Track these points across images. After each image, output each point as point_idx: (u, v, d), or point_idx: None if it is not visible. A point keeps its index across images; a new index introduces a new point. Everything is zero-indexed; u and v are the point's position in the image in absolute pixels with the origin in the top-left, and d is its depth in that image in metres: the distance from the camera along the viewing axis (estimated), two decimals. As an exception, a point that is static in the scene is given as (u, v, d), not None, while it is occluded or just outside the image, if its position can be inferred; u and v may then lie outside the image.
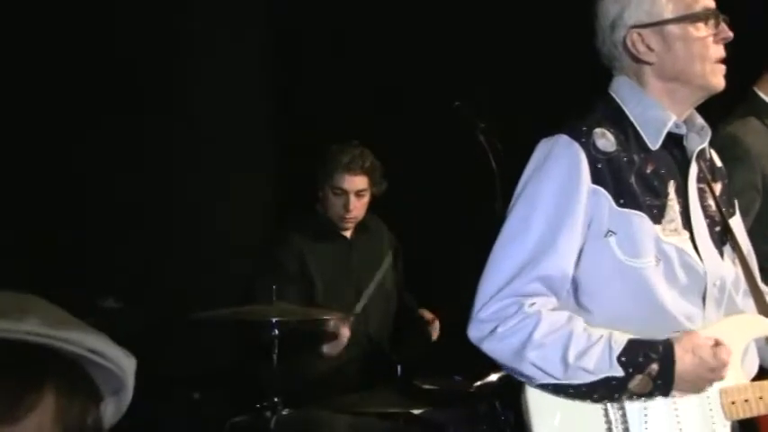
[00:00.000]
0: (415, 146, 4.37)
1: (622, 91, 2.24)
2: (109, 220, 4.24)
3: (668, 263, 2.14)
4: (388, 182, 3.92)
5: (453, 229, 4.28)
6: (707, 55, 2.18)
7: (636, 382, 2.07)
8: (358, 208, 3.82)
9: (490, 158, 3.36)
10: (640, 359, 2.06)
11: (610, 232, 2.12)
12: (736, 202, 2.39)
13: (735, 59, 2.19)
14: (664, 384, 2.08)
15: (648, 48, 2.20)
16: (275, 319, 3.29)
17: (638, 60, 2.21)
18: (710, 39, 2.20)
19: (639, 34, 2.21)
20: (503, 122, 3.34)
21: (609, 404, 2.12)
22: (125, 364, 1.17)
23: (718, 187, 2.33)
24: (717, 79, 2.20)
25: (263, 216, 4.63)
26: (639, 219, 2.12)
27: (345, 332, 3.61)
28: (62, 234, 4.13)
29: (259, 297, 3.41)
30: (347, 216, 3.80)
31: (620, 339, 2.08)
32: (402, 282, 4.12)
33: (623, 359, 2.06)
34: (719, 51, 2.21)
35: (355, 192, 3.81)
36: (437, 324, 3.92)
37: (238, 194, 4.55)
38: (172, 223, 4.41)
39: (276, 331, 3.28)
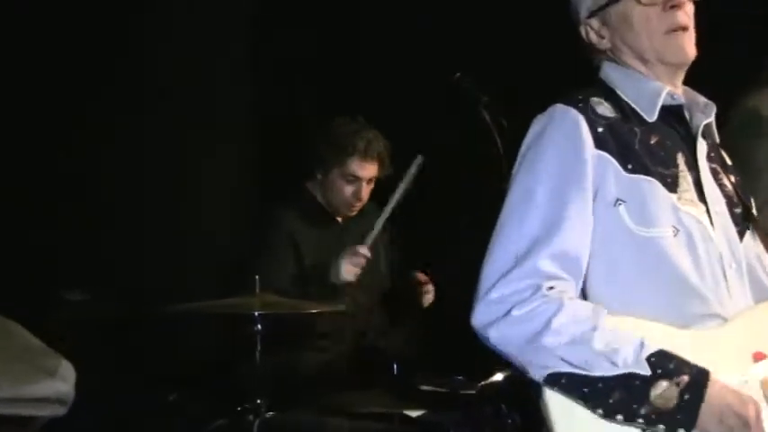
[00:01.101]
0: (410, 123, 4.24)
1: (611, 74, 2.25)
2: (79, 208, 4.19)
3: (688, 234, 2.10)
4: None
5: (455, 213, 4.21)
6: (653, 28, 2.18)
7: (660, 390, 1.98)
8: (367, 195, 3.81)
9: (494, 136, 3.27)
10: (671, 366, 1.99)
11: (619, 201, 2.08)
12: (752, 200, 2.34)
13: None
14: (690, 402, 1.98)
15: (599, 36, 2.25)
16: (258, 312, 3.25)
17: (597, 51, 2.25)
18: (657, 9, 2.19)
19: (589, 24, 2.26)
20: (509, 96, 3.27)
21: None
22: (70, 394, 1.13)
23: (732, 179, 2.30)
24: (673, 50, 2.19)
25: (245, 200, 4.54)
26: (650, 185, 2.10)
27: (364, 250, 3.57)
28: (29, 224, 4.07)
29: (243, 288, 3.35)
30: (356, 204, 3.78)
31: (653, 344, 2.01)
32: (397, 267, 4.08)
33: (653, 359, 1.99)
34: (672, 18, 2.19)
35: (368, 179, 3.80)
36: (431, 287, 3.87)
37: (218, 176, 4.49)
38: (146, 209, 4.31)
39: (259, 325, 3.25)
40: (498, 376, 3.31)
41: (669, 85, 2.22)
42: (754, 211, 2.31)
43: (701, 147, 2.23)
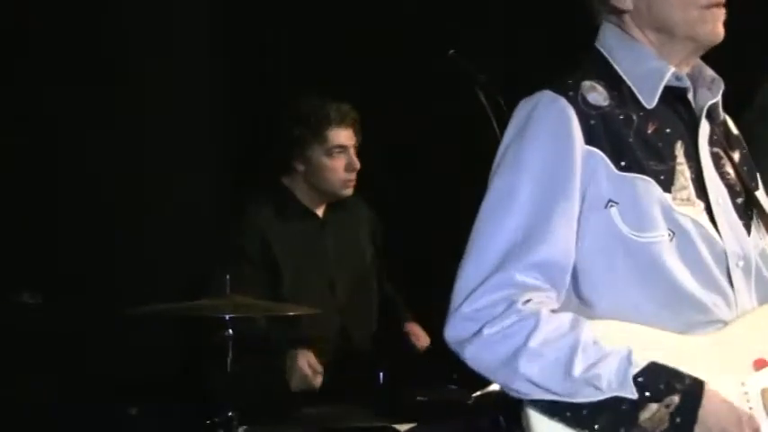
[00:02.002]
0: (398, 105, 4.21)
1: (609, 42, 2.17)
2: (35, 205, 4.11)
3: (684, 237, 2.06)
4: (364, 151, 3.81)
5: (448, 205, 3.97)
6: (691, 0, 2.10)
7: (649, 414, 1.96)
8: (358, 164, 3.76)
9: (491, 120, 3.17)
10: (661, 386, 1.96)
11: (611, 202, 2.03)
12: (758, 175, 2.30)
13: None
14: (682, 426, 1.97)
15: None
16: (230, 315, 3.19)
17: (613, 10, 2.16)
18: None
19: None
20: (509, 75, 3.28)
21: None
22: None
23: (736, 156, 2.25)
24: (708, 28, 2.11)
25: (216, 194, 4.42)
26: (645, 184, 2.05)
27: (303, 364, 3.51)
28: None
29: (214, 289, 3.32)
30: (352, 178, 3.73)
31: (641, 357, 1.97)
32: (384, 270, 3.99)
33: (640, 380, 1.95)
34: None
35: (353, 147, 3.74)
36: (424, 339, 3.85)
37: (186, 169, 4.36)
38: (105, 204, 4.20)
39: (231, 330, 3.18)
40: (496, 385, 3.00)
41: (677, 64, 2.15)
42: (760, 188, 2.27)
43: (704, 131, 2.18)
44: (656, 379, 1.96)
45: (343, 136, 3.73)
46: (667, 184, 2.06)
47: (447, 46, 3.26)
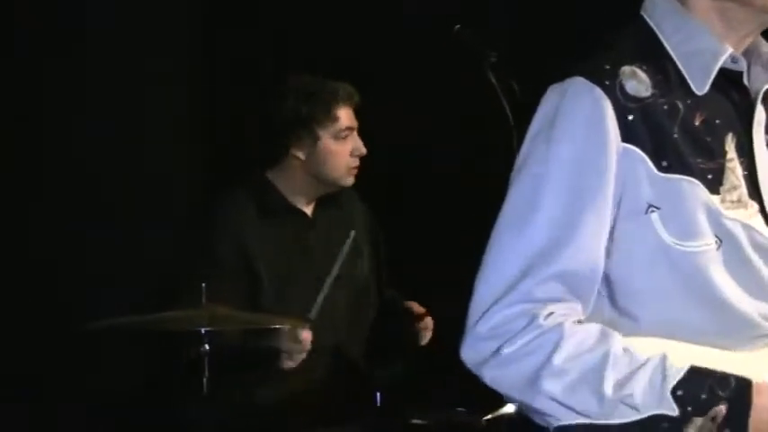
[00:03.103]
0: (398, 87, 4.16)
1: (658, 13, 2.09)
2: None
3: (733, 244, 2.00)
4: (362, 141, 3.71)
5: (453, 203, 4.11)
6: None
7: (694, 429, 1.90)
8: None
9: (503, 104, 3.18)
10: (703, 395, 1.90)
11: (651, 207, 1.97)
12: None
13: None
14: None
15: None
16: (205, 328, 3.11)
17: None
18: None
19: None
20: (522, 54, 3.31)
21: None
22: None
23: None
24: None
25: (188, 192, 4.34)
26: (690, 186, 1.98)
27: (306, 336, 3.35)
28: None
29: (186, 299, 3.24)
30: (357, 164, 3.61)
31: (678, 365, 1.92)
32: (382, 274, 3.90)
33: (680, 393, 1.89)
34: None
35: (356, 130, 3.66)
36: (429, 321, 3.72)
37: (156, 164, 4.28)
38: (61, 201, 4.09)
39: (207, 346, 3.12)
40: (509, 407, 3.20)
41: (736, 43, 2.06)
42: None
43: (759, 118, 2.09)
44: (698, 389, 1.91)
45: (351, 117, 3.60)
46: (716, 185, 2.01)
47: (451, 21, 3.26)
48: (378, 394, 3.37)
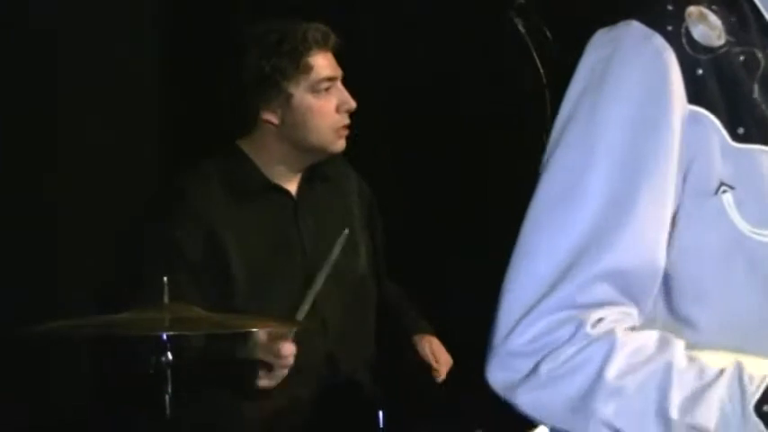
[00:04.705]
0: (405, 39, 4.03)
1: None
2: None
3: None
4: (358, 108, 3.45)
5: (472, 181, 4.05)
6: None
7: None
8: None
9: (534, 58, 3.01)
10: None
11: (723, 186, 1.83)
12: None
13: None
14: None
15: None
16: (168, 332, 2.92)
17: None
18: None
19: None
20: None
21: None
22: None
23: None
24: None
25: (146, 171, 4.17)
26: None
27: (287, 350, 3.17)
28: None
29: (145, 297, 3.06)
30: (346, 121, 3.36)
31: (758, 375, 1.79)
32: (383, 265, 3.71)
33: (766, 408, 1.75)
34: None
35: (341, 80, 3.42)
36: (444, 366, 3.55)
37: (109, 140, 4.08)
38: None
39: (170, 355, 2.92)
40: (541, 430, 2.94)
41: None
42: None
43: None
44: None
45: (330, 64, 3.37)
46: None
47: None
48: (380, 414, 3.25)
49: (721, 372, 1.79)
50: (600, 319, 1.80)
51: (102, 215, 3.99)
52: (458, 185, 4.21)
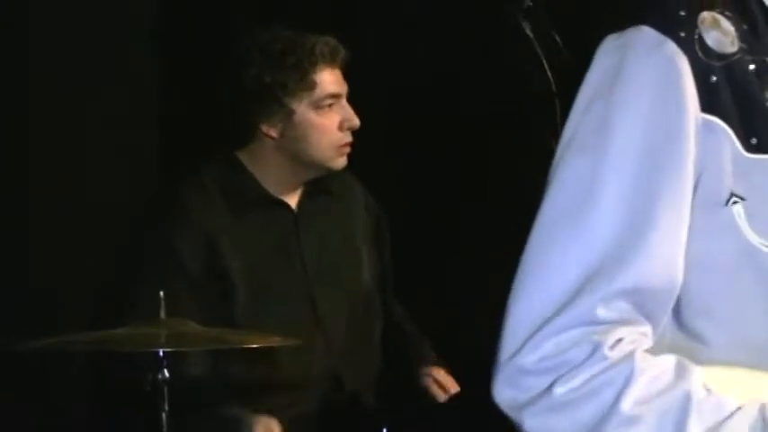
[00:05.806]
0: (405, 39, 4.07)
1: None
2: None
3: None
4: (359, 108, 3.43)
5: (472, 181, 4.08)
6: None
7: None
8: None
9: (542, 62, 3.07)
10: None
11: (734, 197, 1.81)
12: None
13: None
14: None
15: None
16: (165, 349, 2.92)
17: None
18: None
19: None
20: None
21: None
22: None
23: None
24: None
25: (144, 183, 4.17)
26: None
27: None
28: None
29: (141, 312, 3.07)
30: (348, 139, 3.32)
31: None
32: (390, 282, 3.67)
33: None
34: None
35: (345, 97, 3.38)
36: (452, 388, 3.51)
37: (105, 151, 4.11)
38: None
39: (167, 372, 2.91)
40: None
41: None
42: None
43: None
44: None
45: (336, 80, 3.32)
46: None
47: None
48: (384, 430, 3.24)
49: (740, 406, 1.76)
50: (619, 340, 1.78)
51: (103, 215, 3.98)
52: (458, 185, 4.21)
